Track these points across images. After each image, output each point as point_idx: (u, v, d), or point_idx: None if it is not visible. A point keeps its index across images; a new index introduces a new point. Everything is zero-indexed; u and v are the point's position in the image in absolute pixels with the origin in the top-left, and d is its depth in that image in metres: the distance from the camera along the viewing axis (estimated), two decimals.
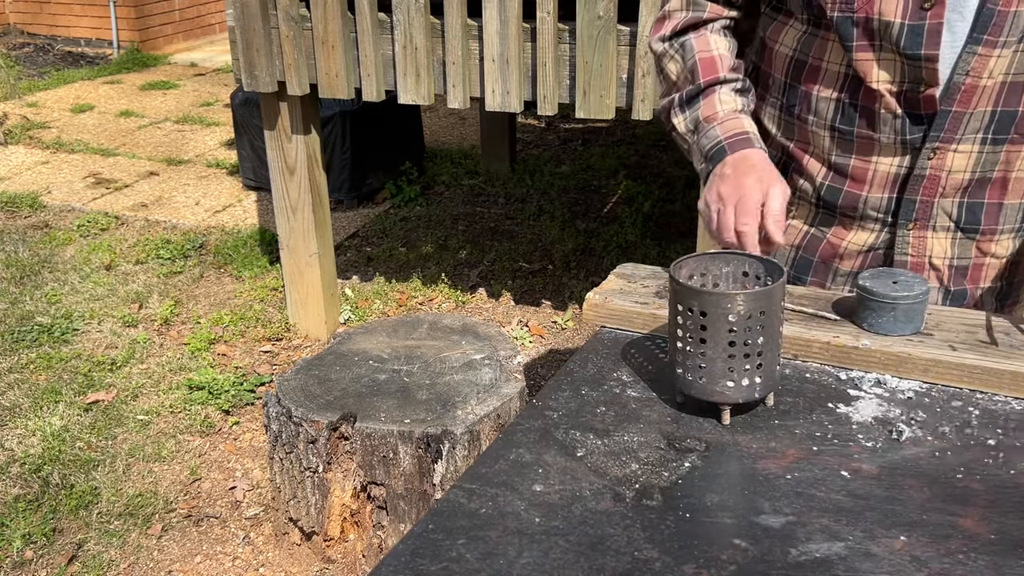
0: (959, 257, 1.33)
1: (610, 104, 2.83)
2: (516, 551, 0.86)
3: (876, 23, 1.19)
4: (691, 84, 1.35)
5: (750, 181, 1.22)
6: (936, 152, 1.25)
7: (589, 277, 4.07)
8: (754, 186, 1.21)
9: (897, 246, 1.33)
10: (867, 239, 1.35)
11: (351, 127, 4.65)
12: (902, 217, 1.31)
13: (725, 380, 1.03)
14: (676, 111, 1.37)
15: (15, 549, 2.53)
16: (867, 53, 1.22)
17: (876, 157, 1.29)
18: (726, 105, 1.32)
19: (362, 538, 2.41)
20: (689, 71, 1.35)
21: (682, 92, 1.36)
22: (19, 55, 8.18)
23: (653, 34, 1.41)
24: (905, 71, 1.21)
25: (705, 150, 1.31)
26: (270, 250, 4.30)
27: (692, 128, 1.34)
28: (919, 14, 1.17)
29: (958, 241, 1.32)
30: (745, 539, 0.87)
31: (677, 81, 1.38)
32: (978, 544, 0.86)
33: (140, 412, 3.15)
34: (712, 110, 1.32)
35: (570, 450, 1.02)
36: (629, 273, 1.39)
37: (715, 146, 1.29)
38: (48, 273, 4.16)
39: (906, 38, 1.18)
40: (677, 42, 1.38)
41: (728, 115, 1.31)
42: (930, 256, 1.33)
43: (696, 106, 1.34)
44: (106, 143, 5.95)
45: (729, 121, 1.30)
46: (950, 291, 1.35)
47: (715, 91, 1.33)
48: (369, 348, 2.62)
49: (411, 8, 2.91)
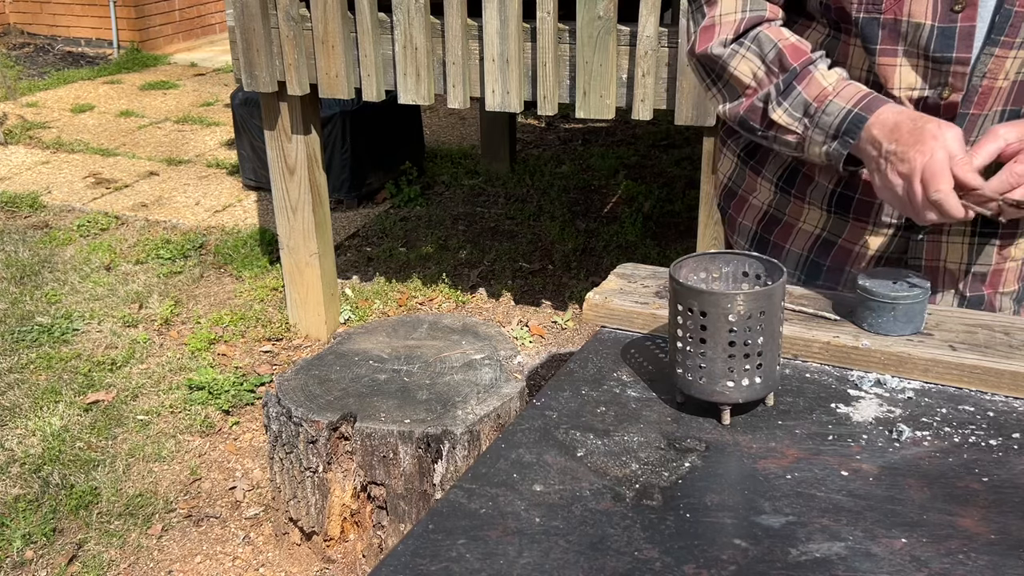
0: (979, 263, 1.31)
1: (610, 104, 2.83)
2: (516, 551, 0.86)
3: (905, 25, 1.16)
4: (781, 72, 1.23)
5: (924, 149, 1.09)
6: None
7: (589, 277, 4.07)
8: (929, 150, 1.09)
9: (911, 251, 1.31)
10: (880, 244, 1.33)
11: (351, 127, 4.65)
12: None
13: (725, 380, 1.03)
14: (773, 105, 1.23)
15: (15, 549, 2.53)
16: (890, 57, 1.20)
17: None
18: (830, 78, 1.20)
19: (362, 538, 2.41)
20: (775, 60, 1.24)
21: (777, 82, 1.23)
22: (19, 55, 8.18)
23: (703, 44, 1.29)
24: (929, 75, 1.19)
25: (833, 127, 1.18)
26: (270, 250, 4.30)
27: (802, 114, 1.21)
28: (949, 16, 1.14)
29: (976, 246, 1.30)
30: (745, 539, 0.87)
31: (755, 77, 1.25)
32: (978, 544, 0.86)
33: (140, 412, 3.15)
34: (819, 88, 1.20)
35: (570, 450, 1.02)
36: (629, 273, 1.39)
37: (845, 117, 1.17)
38: (48, 273, 4.16)
39: (936, 40, 1.15)
40: (747, 39, 1.26)
41: (839, 84, 1.20)
42: (945, 261, 1.31)
43: (795, 92, 1.21)
44: (106, 143, 5.95)
45: (845, 89, 1.19)
46: (966, 297, 1.33)
47: (811, 71, 1.22)
48: (369, 348, 2.62)
49: (411, 8, 2.91)
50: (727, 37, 1.27)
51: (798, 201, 1.39)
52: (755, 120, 1.27)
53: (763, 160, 1.43)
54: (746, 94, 1.27)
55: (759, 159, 1.44)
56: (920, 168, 1.09)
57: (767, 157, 1.42)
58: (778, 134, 1.25)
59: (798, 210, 1.39)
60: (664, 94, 2.79)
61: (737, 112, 1.29)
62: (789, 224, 1.41)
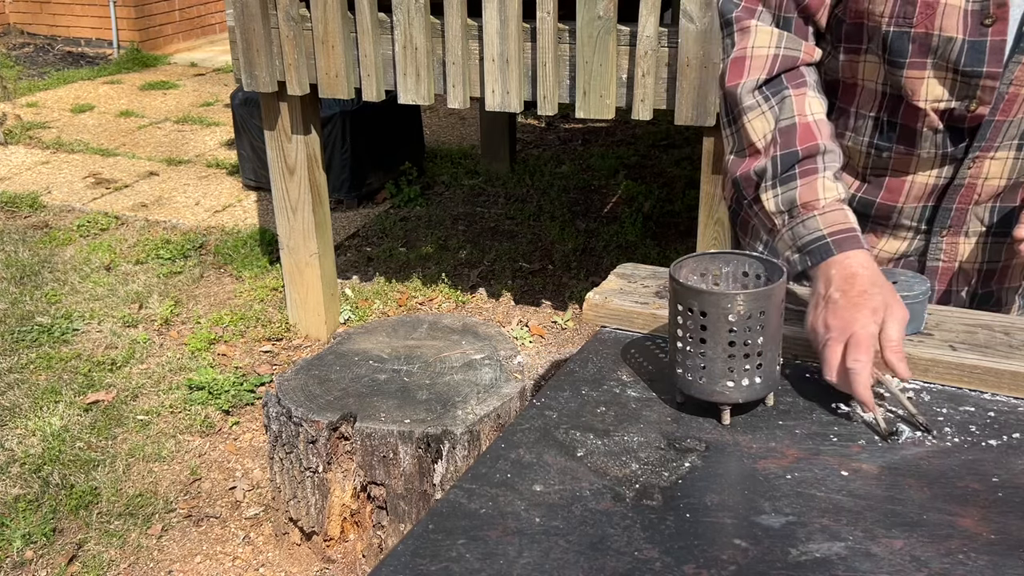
0: (990, 260, 1.34)
1: (610, 104, 2.83)
2: (516, 551, 0.86)
3: (936, 39, 1.17)
4: (784, 149, 1.21)
5: (863, 315, 1.07)
6: (975, 161, 1.24)
7: (589, 277, 4.07)
8: (867, 319, 1.06)
9: (930, 252, 1.34)
10: (899, 247, 1.36)
11: (351, 127, 4.65)
12: (937, 224, 1.31)
13: (725, 380, 1.03)
14: (766, 186, 1.22)
15: (15, 549, 2.53)
16: (918, 70, 1.20)
17: (914, 170, 1.29)
18: (828, 192, 1.18)
19: (362, 538, 2.41)
20: (783, 132, 1.22)
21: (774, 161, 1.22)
22: (19, 55, 8.18)
23: (732, 79, 1.26)
24: (957, 88, 1.20)
25: (803, 242, 1.17)
26: (270, 250, 4.30)
27: (785, 210, 1.20)
28: (979, 30, 1.15)
29: (990, 245, 1.33)
30: (745, 539, 0.87)
31: (761, 141, 1.24)
32: (978, 544, 0.86)
33: (140, 412, 3.15)
34: (813, 195, 1.18)
35: (570, 450, 1.02)
36: (629, 273, 1.39)
37: (817, 240, 1.16)
38: (48, 273, 4.16)
39: (967, 55, 1.16)
40: (774, 96, 1.24)
41: (830, 204, 1.17)
42: (961, 260, 1.34)
43: (792, 186, 1.20)
44: (106, 143, 5.95)
45: (832, 213, 1.17)
46: (977, 293, 1.36)
47: (816, 171, 1.19)
48: (369, 348, 2.62)
49: (411, 8, 2.91)
50: (758, 78, 1.25)
51: None
52: (748, 189, 1.26)
53: None
54: (750, 152, 1.26)
55: None
56: (849, 331, 1.06)
57: None
58: (760, 213, 1.25)
59: None
60: (664, 94, 2.79)
61: (735, 172, 1.28)
62: None
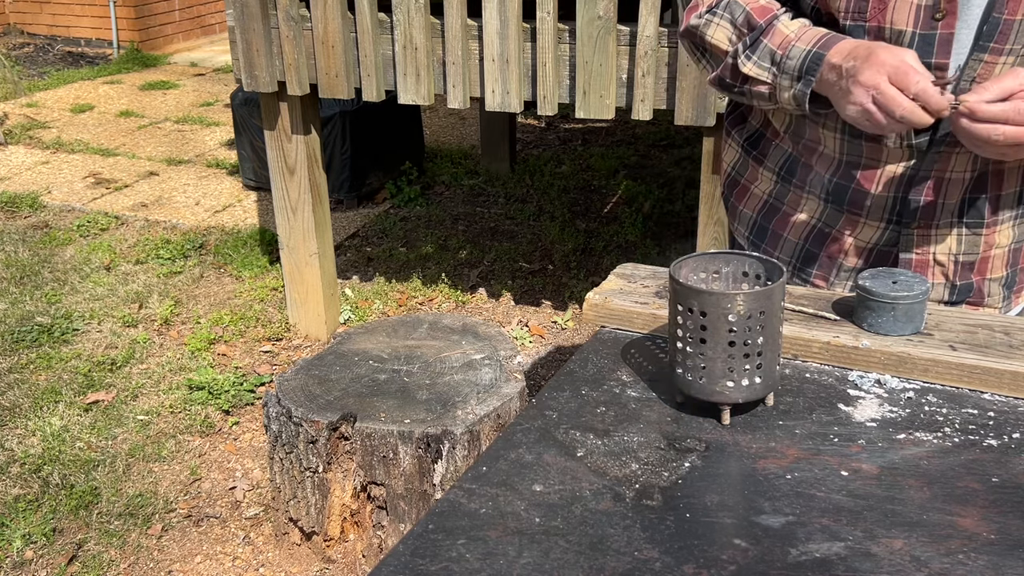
0: (966, 252, 1.35)
1: (610, 104, 2.83)
2: (516, 551, 0.86)
3: (888, 32, 1.22)
4: (749, 31, 1.30)
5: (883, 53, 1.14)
6: (941, 154, 1.27)
7: (589, 277, 4.07)
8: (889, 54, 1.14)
9: (902, 244, 1.36)
10: (872, 236, 1.38)
11: (351, 127, 4.65)
12: (906, 216, 1.33)
13: (725, 380, 1.03)
14: (743, 59, 1.29)
15: (15, 549, 2.53)
16: None
17: (884, 159, 1.32)
18: (792, 26, 1.27)
19: (362, 538, 2.41)
20: (744, 23, 1.30)
21: (743, 40, 1.30)
22: (19, 55, 8.18)
23: (687, 19, 1.38)
24: None
25: (796, 69, 1.24)
26: (270, 250, 4.30)
27: (769, 63, 1.27)
28: (930, 24, 1.20)
29: (964, 237, 1.34)
30: (745, 539, 0.87)
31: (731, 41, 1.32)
32: (978, 544, 0.86)
33: (140, 412, 3.15)
34: (783, 36, 1.26)
35: (570, 450, 1.02)
36: (629, 273, 1.39)
37: (806, 58, 1.23)
38: (48, 273, 4.16)
39: (917, 47, 1.20)
40: (719, 7, 1.34)
41: (801, 31, 1.26)
42: (934, 253, 1.35)
43: (762, 44, 1.28)
44: (106, 143, 5.95)
45: (806, 33, 1.25)
46: (956, 286, 1.38)
47: (775, 24, 1.28)
48: (369, 348, 2.62)
49: (411, 8, 2.91)
50: (702, 11, 1.36)
51: (797, 191, 1.44)
52: (729, 76, 1.33)
53: (765, 151, 1.48)
54: (724, 57, 1.33)
55: (761, 149, 1.49)
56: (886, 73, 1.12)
57: (768, 148, 1.47)
58: (751, 87, 1.31)
59: (796, 200, 1.44)
60: (664, 94, 2.79)
61: (713, 75, 1.35)
62: (787, 213, 1.46)
